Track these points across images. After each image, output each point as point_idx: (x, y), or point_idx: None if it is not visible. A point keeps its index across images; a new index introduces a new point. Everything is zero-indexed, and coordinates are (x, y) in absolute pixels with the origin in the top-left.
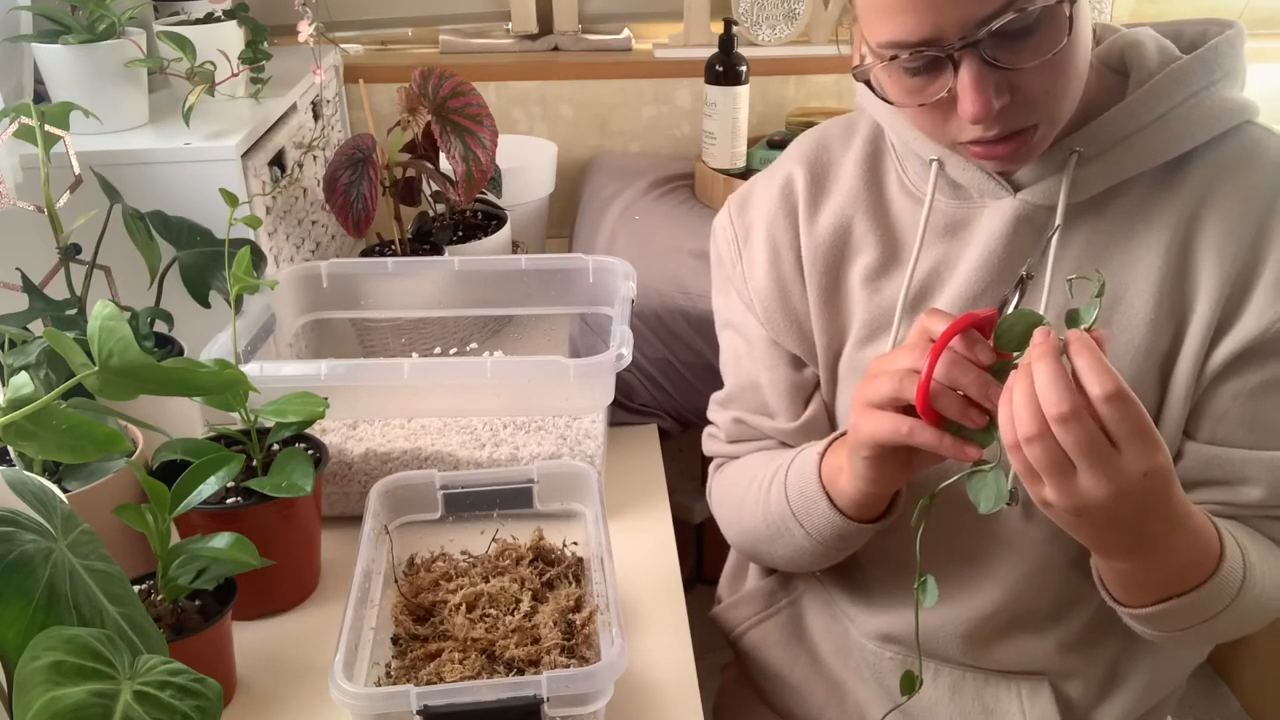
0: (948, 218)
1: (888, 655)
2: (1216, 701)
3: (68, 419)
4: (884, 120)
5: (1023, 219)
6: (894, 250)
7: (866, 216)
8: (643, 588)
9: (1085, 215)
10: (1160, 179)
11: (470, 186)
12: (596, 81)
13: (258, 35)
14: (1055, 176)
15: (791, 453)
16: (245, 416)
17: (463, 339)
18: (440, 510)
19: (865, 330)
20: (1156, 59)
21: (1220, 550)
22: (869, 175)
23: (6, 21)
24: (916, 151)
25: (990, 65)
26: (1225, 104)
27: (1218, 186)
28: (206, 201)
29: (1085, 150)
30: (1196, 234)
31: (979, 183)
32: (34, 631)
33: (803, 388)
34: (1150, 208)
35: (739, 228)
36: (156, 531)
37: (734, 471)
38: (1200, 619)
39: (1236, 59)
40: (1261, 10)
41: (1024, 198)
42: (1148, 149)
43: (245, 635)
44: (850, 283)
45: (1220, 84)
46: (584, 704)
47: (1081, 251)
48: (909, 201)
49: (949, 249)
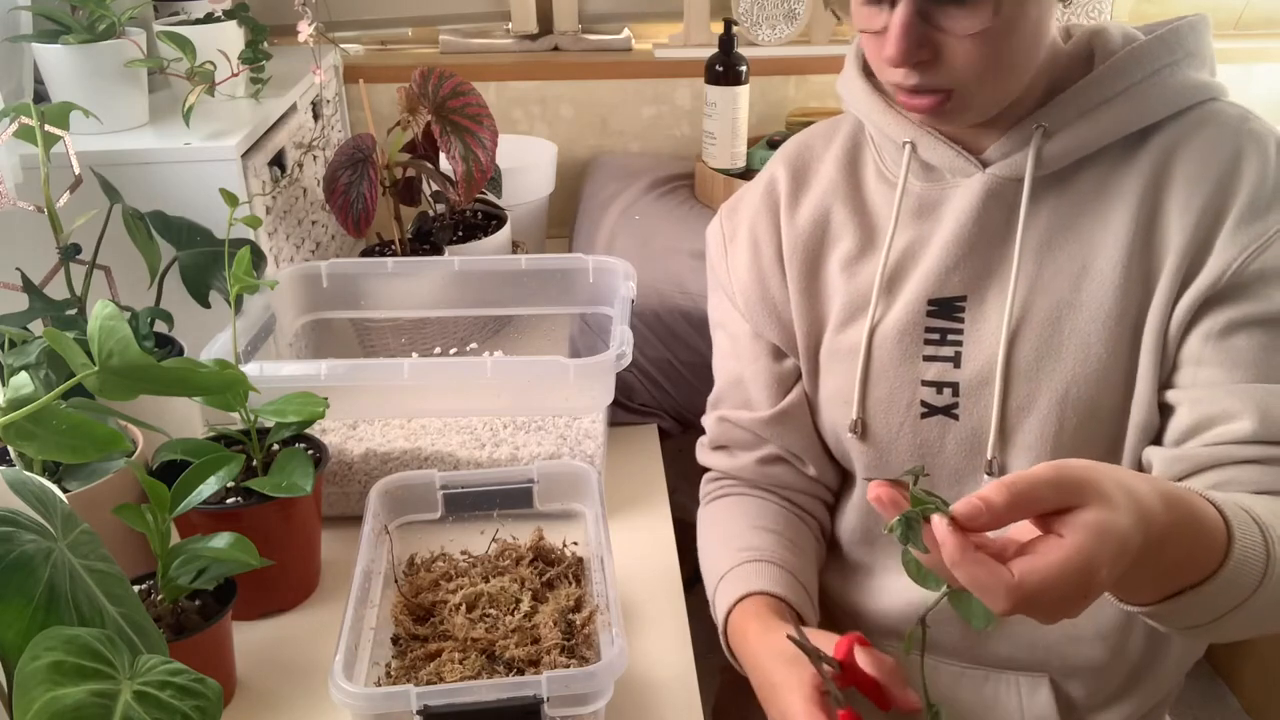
0: (921, 199)
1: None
2: (1216, 701)
3: (68, 419)
4: (861, 108)
5: (992, 194)
6: (871, 235)
7: (845, 205)
8: (643, 588)
9: (1052, 188)
10: (1125, 151)
11: (470, 186)
12: (596, 81)
13: (258, 35)
14: (1022, 151)
15: (726, 565)
16: (245, 416)
17: (463, 339)
18: (440, 510)
19: (844, 314)
20: (1120, 42)
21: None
22: (848, 167)
23: (6, 21)
24: (891, 136)
25: (920, 18)
26: (1188, 81)
27: (1180, 150)
28: (206, 201)
29: (1050, 125)
30: (1162, 197)
31: (949, 161)
32: (34, 631)
33: (783, 379)
34: (1116, 177)
35: (727, 229)
36: (156, 531)
37: (708, 525)
38: (1227, 608)
39: (1199, 42)
40: (1261, 10)
41: (992, 172)
42: (1111, 122)
43: (245, 635)
44: (829, 270)
45: (1183, 63)
46: (584, 704)
47: (1049, 223)
48: (885, 187)
49: (922, 229)
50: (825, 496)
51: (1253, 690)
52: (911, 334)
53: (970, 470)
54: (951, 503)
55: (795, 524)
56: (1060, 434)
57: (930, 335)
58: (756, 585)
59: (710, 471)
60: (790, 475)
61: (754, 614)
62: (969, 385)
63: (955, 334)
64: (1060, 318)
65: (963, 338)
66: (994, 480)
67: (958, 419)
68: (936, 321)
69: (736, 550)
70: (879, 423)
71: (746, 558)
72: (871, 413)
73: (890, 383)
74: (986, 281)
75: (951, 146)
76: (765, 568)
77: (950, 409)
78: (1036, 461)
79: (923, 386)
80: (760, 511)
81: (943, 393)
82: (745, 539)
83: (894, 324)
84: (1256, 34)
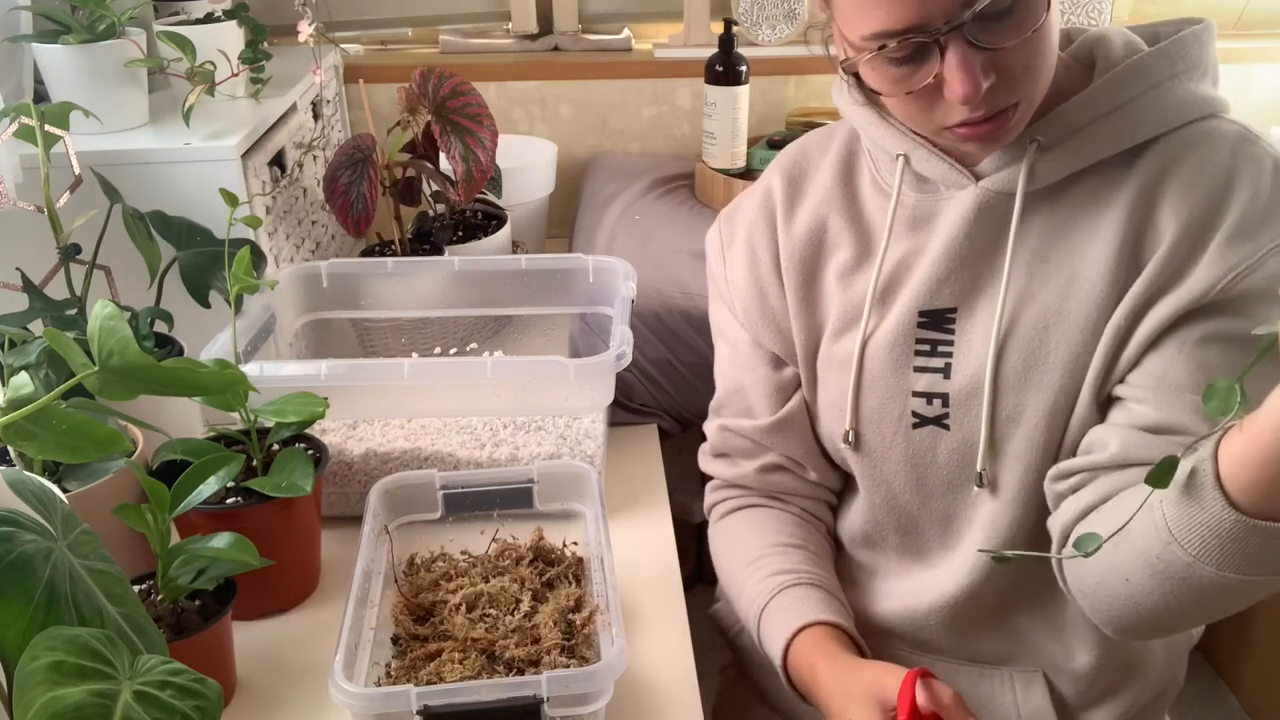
0: (915, 211)
1: (892, 655)
2: (1216, 701)
3: (68, 419)
4: (855, 120)
5: (984, 207)
6: (866, 245)
7: (840, 215)
8: (643, 588)
9: (1044, 201)
10: (1120, 164)
11: (470, 186)
12: (596, 81)
13: (258, 35)
14: (1015, 165)
15: (764, 590)
16: (245, 416)
17: (463, 339)
18: (440, 510)
19: (839, 324)
20: (1121, 52)
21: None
22: (843, 177)
23: (6, 21)
24: (885, 148)
25: (974, 47)
26: (1188, 96)
27: (1175, 165)
28: (206, 201)
29: (1045, 139)
30: (1153, 209)
31: (943, 174)
32: (34, 631)
33: (783, 387)
34: (1109, 190)
35: (725, 236)
36: (156, 531)
37: (727, 542)
38: None
39: (1203, 53)
40: (1261, 10)
41: (985, 185)
42: (1106, 138)
43: (245, 635)
44: (826, 279)
45: (1184, 76)
46: (584, 704)
47: (1041, 236)
48: (880, 197)
49: (916, 240)
50: (829, 499)
51: (1253, 690)
52: (902, 345)
53: (963, 481)
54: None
55: (810, 532)
56: (1049, 445)
57: (920, 346)
58: (811, 615)
59: (714, 480)
60: (792, 482)
61: (816, 647)
62: (959, 396)
63: (945, 345)
64: (1048, 327)
65: (953, 349)
66: (983, 491)
67: (949, 429)
68: (927, 333)
69: (770, 575)
70: (871, 433)
71: (786, 582)
72: (864, 423)
73: (881, 394)
74: (976, 293)
75: (944, 159)
76: (807, 592)
77: (941, 419)
78: (1027, 473)
79: (913, 397)
80: (776, 525)
81: (933, 404)
82: (775, 561)
83: (885, 335)
84: (1256, 34)
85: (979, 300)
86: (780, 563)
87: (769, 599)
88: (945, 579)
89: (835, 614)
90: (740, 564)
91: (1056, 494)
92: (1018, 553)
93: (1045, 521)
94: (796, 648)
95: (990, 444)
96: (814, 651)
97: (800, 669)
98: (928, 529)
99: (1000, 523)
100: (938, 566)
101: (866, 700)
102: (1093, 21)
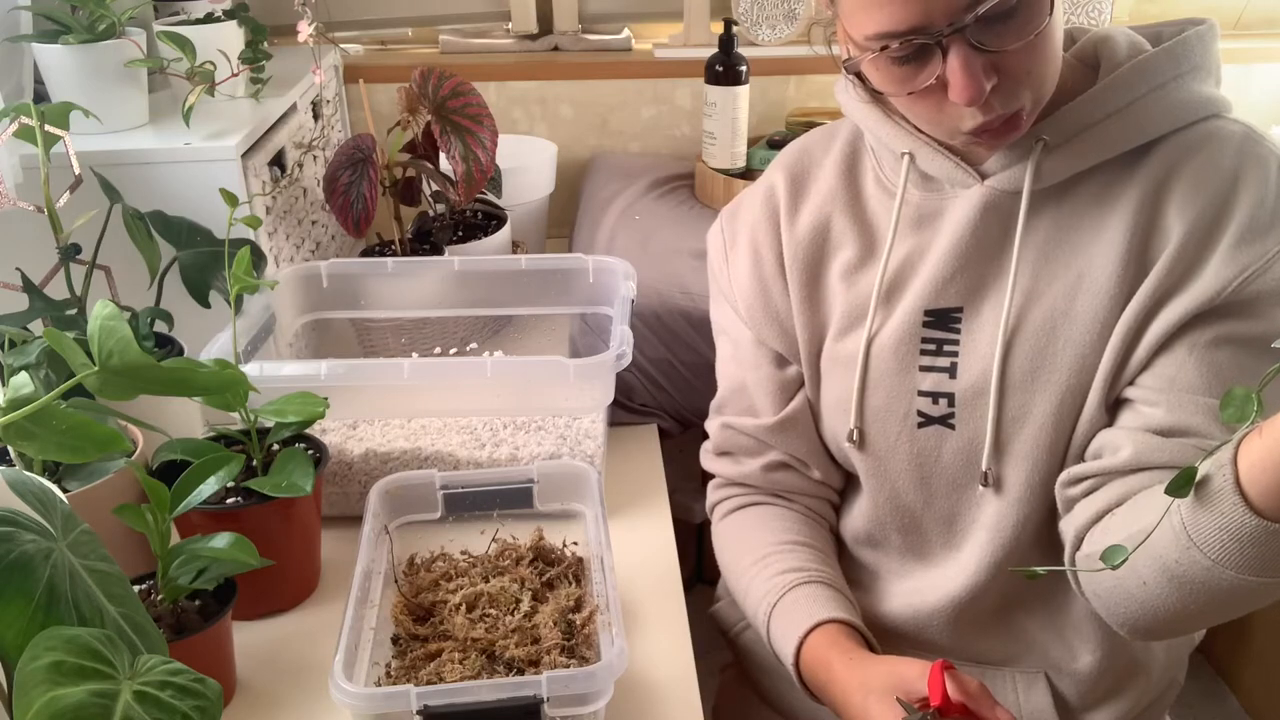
0: (920, 209)
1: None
2: (1216, 701)
3: (68, 419)
4: (859, 117)
5: (989, 206)
6: (870, 244)
7: (844, 214)
8: (643, 588)
9: (1050, 200)
10: (1125, 164)
11: (470, 186)
12: (596, 81)
13: (258, 35)
14: (1021, 164)
15: (773, 589)
16: (245, 416)
17: (463, 339)
18: (440, 510)
19: (843, 322)
20: (1126, 53)
21: None
22: (847, 175)
23: (6, 21)
24: (890, 146)
25: (976, 49)
26: (1192, 96)
27: (1181, 165)
28: (206, 201)
29: (1051, 138)
30: (1159, 210)
31: (948, 172)
32: (34, 631)
33: (786, 386)
34: (1114, 190)
35: (727, 235)
36: (156, 531)
37: (733, 540)
38: None
39: (1206, 53)
40: (1261, 10)
41: (991, 184)
42: (1112, 137)
43: (245, 635)
44: (830, 278)
45: (1188, 76)
46: (584, 704)
47: (1047, 235)
48: (885, 196)
49: (921, 239)
50: (832, 498)
51: (1253, 690)
52: (908, 344)
53: (967, 480)
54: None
55: (816, 529)
56: (1055, 445)
57: (926, 346)
58: (822, 614)
59: (716, 478)
60: (796, 480)
61: (830, 644)
62: (964, 396)
63: (951, 345)
64: (1055, 328)
65: (958, 349)
66: (988, 491)
67: (954, 429)
68: (933, 332)
69: (778, 573)
70: (876, 432)
71: (795, 580)
72: (869, 422)
73: (887, 393)
74: (982, 293)
75: (950, 158)
76: (817, 590)
77: (946, 419)
78: (1033, 472)
79: (919, 397)
80: (781, 523)
81: (939, 403)
82: (782, 560)
83: (891, 334)
84: (1256, 34)
85: (985, 300)
86: (787, 561)
87: (778, 598)
88: (948, 579)
89: (846, 612)
90: (746, 562)
91: (1068, 498)
92: (1046, 568)
93: (1050, 521)
94: (809, 646)
95: (996, 444)
96: (828, 648)
97: (814, 667)
98: (931, 529)
99: (1004, 522)
100: (941, 566)
101: (886, 693)
102: (1093, 22)
